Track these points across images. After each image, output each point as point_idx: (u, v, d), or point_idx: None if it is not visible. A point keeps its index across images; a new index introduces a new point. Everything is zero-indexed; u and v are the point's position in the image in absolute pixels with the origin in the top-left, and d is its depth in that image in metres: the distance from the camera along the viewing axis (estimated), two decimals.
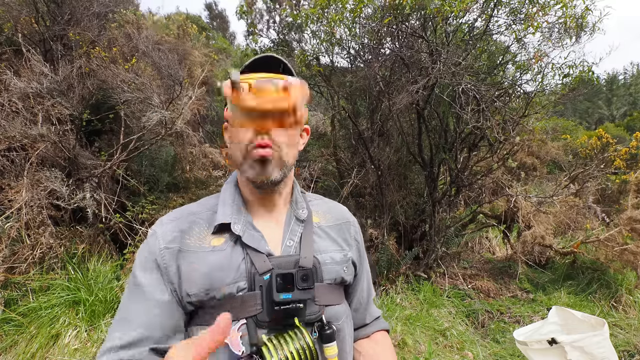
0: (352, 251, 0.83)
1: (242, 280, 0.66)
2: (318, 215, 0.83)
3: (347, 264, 0.80)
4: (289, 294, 0.64)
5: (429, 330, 3.05)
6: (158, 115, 3.52)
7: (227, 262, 0.67)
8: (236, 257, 0.68)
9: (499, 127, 3.31)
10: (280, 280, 0.64)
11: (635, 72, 26.05)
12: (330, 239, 0.81)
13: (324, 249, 0.78)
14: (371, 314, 0.91)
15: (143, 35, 4.16)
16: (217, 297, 0.65)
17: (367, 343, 0.87)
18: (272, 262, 0.68)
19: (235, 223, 0.71)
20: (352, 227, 0.88)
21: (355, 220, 0.92)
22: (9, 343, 2.42)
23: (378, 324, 0.92)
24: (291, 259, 0.71)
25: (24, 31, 3.84)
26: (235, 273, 0.67)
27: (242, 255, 0.69)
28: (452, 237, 4.30)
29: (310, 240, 0.75)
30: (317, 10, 3.30)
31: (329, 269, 0.75)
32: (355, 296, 0.87)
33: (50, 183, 3.13)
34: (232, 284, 0.66)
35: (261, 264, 0.67)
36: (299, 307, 0.65)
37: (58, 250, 3.02)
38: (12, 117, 3.21)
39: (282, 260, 0.70)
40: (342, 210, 0.91)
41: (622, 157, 4.27)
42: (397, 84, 3.48)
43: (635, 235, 3.66)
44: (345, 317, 0.77)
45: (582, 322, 2.09)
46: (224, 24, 20.23)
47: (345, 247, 0.82)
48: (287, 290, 0.64)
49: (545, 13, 3.00)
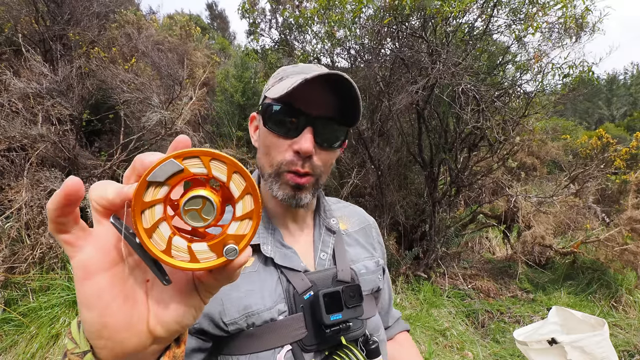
0: (380, 256, 0.80)
1: (281, 302, 0.61)
2: (343, 221, 0.79)
3: (380, 272, 0.76)
4: (339, 314, 0.59)
5: (429, 330, 3.05)
6: (158, 115, 3.52)
7: (263, 285, 0.61)
8: (270, 278, 0.63)
9: (499, 127, 3.31)
10: (327, 300, 0.59)
11: (635, 72, 26.06)
12: (360, 246, 0.77)
13: (356, 257, 0.74)
14: (393, 315, 0.89)
15: (143, 36, 4.16)
16: (257, 324, 0.59)
17: (391, 345, 0.84)
18: (310, 279, 0.63)
19: (264, 243, 0.65)
20: (374, 228, 0.85)
21: (374, 220, 0.89)
22: (9, 343, 2.42)
23: (399, 325, 0.90)
24: (328, 273, 0.66)
25: (24, 31, 3.84)
26: (274, 295, 0.61)
27: (277, 275, 0.64)
28: (452, 237, 4.30)
29: (344, 251, 0.71)
30: (318, 11, 3.30)
31: (366, 280, 0.71)
32: (379, 300, 0.83)
33: (50, 183, 3.12)
34: (272, 308, 0.60)
35: (300, 283, 0.62)
36: (348, 326, 0.61)
37: (58, 250, 3.02)
38: (12, 117, 3.21)
39: (319, 275, 0.65)
40: (362, 212, 0.88)
41: (622, 157, 4.27)
42: (397, 84, 3.48)
43: (635, 235, 3.66)
44: (382, 327, 0.74)
45: (582, 322, 2.09)
46: (224, 24, 20.24)
47: (374, 252, 0.79)
48: (336, 311, 0.59)
49: (545, 13, 3.00)
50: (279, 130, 0.61)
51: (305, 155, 0.61)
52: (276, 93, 0.60)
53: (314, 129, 0.61)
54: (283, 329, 0.59)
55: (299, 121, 0.61)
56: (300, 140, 0.60)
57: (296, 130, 0.61)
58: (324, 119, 0.62)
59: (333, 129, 0.64)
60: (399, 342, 0.87)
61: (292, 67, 0.67)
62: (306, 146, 0.59)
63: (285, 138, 0.61)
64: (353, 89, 0.60)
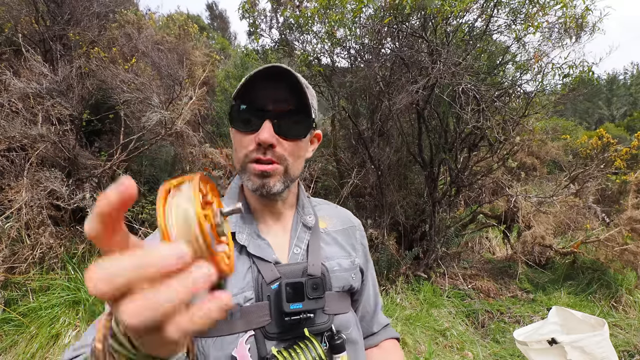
0: (359, 257, 0.82)
1: (248, 290, 0.64)
2: (324, 220, 0.82)
3: (355, 271, 0.78)
4: (299, 303, 0.62)
5: (429, 330, 3.05)
6: (158, 115, 3.52)
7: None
8: (242, 266, 0.66)
9: (499, 127, 3.31)
10: (290, 290, 0.62)
11: (635, 72, 26.05)
12: (338, 245, 0.79)
13: (331, 255, 0.76)
14: (379, 322, 0.89)
15: (143, 35, 4.16)
16: None
17: (376, 352, 0.85)
18: (279, 271, 0.66)
19: (239, 232, 0.68)
20: (358, 230, 0.87)
21: (360, 223, 0.90)
22: (9, 343, 2.42)
23: (387, 332, 0.89)
24: (299, 266, 0.69)
25: (23, 31, 3.84)
26: (242, 283, 0.64)
27: (249, 264, 0.66)
28: (452, 237, 4.30)
29: (318, 247, 0.74)
30: (319, 11, 3.30)
31: (338, 277, 0.73)
32: (361, 303, 0.84)
33: (50, 183, 3.12)
34: (238, 295, 0.63)
35: (269, 273, 0.65)
36: (309, 317, 0.63)
37: (58, 250, 3.02)
38: (12, 117, 3.21)
39: (289, 268, 0.68)
40: (347, 214, 0.90)
41: (622, 157, 4.26)
42: (397, 84, 3.48)
43: (635, 235, 3.66)
44: (354, 326, 0.75)
45: (582, 322, 2.09)
46: (224, 24, 20.24)
47: (352, 252, 0.81)
48: (297, 300, 0.62)
49: (545, 13, 3.00)
50: (242, 127, 0.66)
51: (265, 145, 0.64)
52: (235, 95, 0.66)
53: (273, 122, 0.65)
54: (248, 315, 0.62)
55: (259, 116, 0.65)
56: (259, 132, 0.64)
57: (257, 125, 0.65)
58: (282, 112, 0.66)
59: (294, 120, 0.67)
60: (384, 348, 0.86)
61: None
62: (264, 136, 0.63)
63: (248, 134, 0.66)
64: (293, 77, 0.64)
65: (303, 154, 0.72)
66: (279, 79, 0.65)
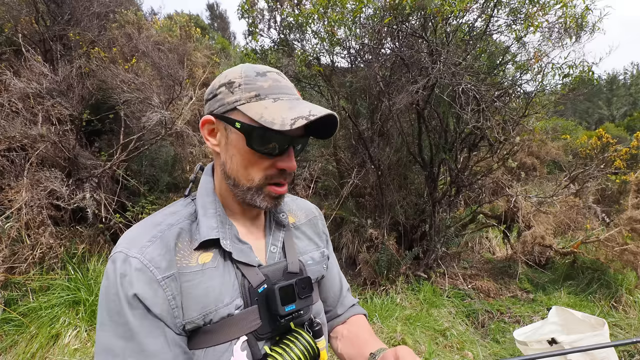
0: (326, 246, 0.87)
1: (238, 297, 0.64)
2: (292, 214, 0.84)
3: (325, 261, 0.83)
4: (292, 305, 0.65)
5: (429, 330, 3.05)
6: (158, 115, 3.52)
7: (222, 281, 0.64)
8: (229, 274, 0.65)
9: (499, 127, 3.31)
10: (283, 293, 0.64)
11: (635, 72, 26.04)
12: (307, 238, 0.83)
13: (304, 250, 0.79)
14: (344, 304, 0.92)
15: (143, 36, 4.16)
16: (214, 320, 0.61)
17: (342, 327, 0.89)
18: (263, 273, 0.67)
19: (223, 238, 0.66)
20: (320, 220, 0.90)
21: (319, 210, 0.94)
22: (9, 343, 2.42)
23: (352, 310, 0.93)
24: (279, 266, 0.70)
25: (24, 31, 3.84)
26: (231, 291, 0.64)
27: (234, 270, 0.66)
28: (452, 237, 4.30)
29: (292, 244, 0.76)
30: (318, 10, 3.30)
31: (312, 270, 0.77)
32: (326, 287, 0.88)
33: (50, 183, 3.13)
34: (230, 304, 0.63)
35: (254, 277, 0.66)
36: (300, 315, 0.67)
37: (58, 250, 3.02)
38: (12, 117, 3.21)
39: (271, 269, 0.69)
40: (307, 204, 0.92)
41: (622, 157, 4.27)
42: (397, 84, 3.48)
43: (635, 235, 3.66)
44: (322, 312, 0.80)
45: (582, 322, 2.09)
46: (224, 24, 20.25)
47: (320, 243, 0.85)
48: (290, 302, 0.65)
49: (545, 13, 3.00)
50: (263, 150, 0.64)
51: (290, 171, 0.67)
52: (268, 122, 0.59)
53: (295, 148, 0.67)
54: (240, 322, 0.63)
55: (285, 141, 0.64)
56: (286, 160, 0.65)
57: (279, 149, 0.64)
58: (302, 137, 0.68)
59: (305, 144, 0.71)
60: (350, 322, 0.90)
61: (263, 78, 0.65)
62: (293, 165, 0.66)
63: (268, 157, 0.65)
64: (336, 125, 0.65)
65: None
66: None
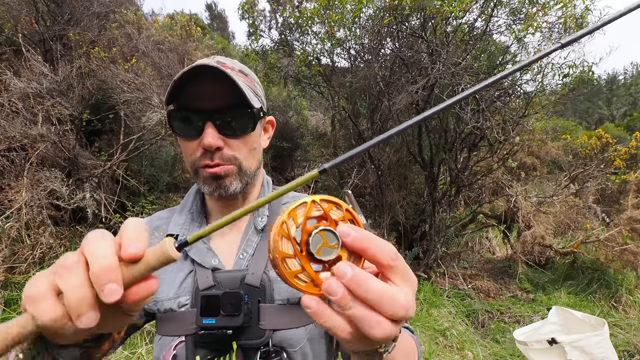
0: None
1: (184, 295, 0.63)
2: None
3: None
4: (212, 319, 0.57)
5: (429, 330, 3.05)
6: (158, 115, 3.52)
7: (171, 276, 0.64)
8: (183, 270, 0.64)
9: (499, 127, 3.31)
10: (205, 303, 0.58)
11: (635, 72, 26.04)
12: None
13: None
14: None
15: (143, 35, 4.16)
16: (161, 310, 0.63)
17: None
18: (216, 278, 0.62)
19: (183, 235, 0.66)
20: None
21: None
22: None
23: None
24: (238, 274, 0.63)
25: (24, 31, 3.84)
26: (177, 288, 0.63)
27: (191, 268, 0.64)
28: (452, 237, 4.30)
29: (266, 253, 0.66)
30: (318, 11, 3.30)
31: (281, 288, 0.64)
32: None
33: (50, 183, 3.13)
34: (173, 299, 0.62)
35: (203, 280, 0.62)
36: (225, 334, 0.57)
37: (58, 250, 3.02)
38: (12, 117, 3.21)
39: (227, 275, 0.63)
40: None
41: (622, 157, 4.27)
42: (396, 84, 3.48)
43: (635, 235, 3.66)
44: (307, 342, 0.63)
45: (582, 322, 2.09)
46: (223, 24, 20.26)
47: None
48: (211, 315, 0.57)
49: (545, 13, 3.00)
50: (184, 134, 0.63)
51: (211, 149, 0.61)
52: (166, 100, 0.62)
53: (215, 123, 0.62)
54: (180, 321, 0.61)
55: (198, 120, 0.61)
56: (203, 137, 0.61)
57: (199, 128, 0.62)
58: (221, 110, 0.62)
59: (235, 116, 0.63)
60: None
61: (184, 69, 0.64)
62: (208, 141, 0.60)
63: (192, 139, 0.63)
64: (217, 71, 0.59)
65: (257, 147, 0.68)
66: (207, 77, 0.61)
